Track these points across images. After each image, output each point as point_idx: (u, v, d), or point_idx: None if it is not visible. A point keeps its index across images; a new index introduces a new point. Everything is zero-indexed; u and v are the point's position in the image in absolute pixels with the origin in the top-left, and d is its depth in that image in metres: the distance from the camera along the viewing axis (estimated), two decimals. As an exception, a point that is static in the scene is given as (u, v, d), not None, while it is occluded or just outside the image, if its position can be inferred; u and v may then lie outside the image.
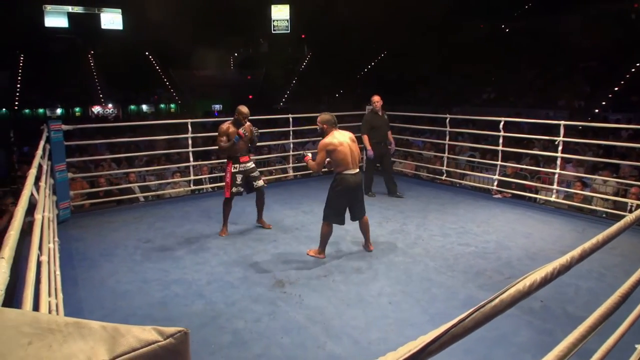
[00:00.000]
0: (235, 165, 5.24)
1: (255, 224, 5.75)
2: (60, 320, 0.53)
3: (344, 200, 4.54)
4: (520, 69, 24.22)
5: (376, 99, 7.19)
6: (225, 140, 5.12)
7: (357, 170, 4.55)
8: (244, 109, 5.20)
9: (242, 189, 5.29)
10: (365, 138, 7.16)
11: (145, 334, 0.51)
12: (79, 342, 0.50)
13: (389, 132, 7.35)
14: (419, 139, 10.62)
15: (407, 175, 9.03)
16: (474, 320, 0.76)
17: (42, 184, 3.77)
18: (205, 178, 7.95)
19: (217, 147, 5.33)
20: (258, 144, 5.91)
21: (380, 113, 7.22)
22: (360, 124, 7.30)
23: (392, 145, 7.45)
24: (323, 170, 4.92)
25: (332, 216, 4.58)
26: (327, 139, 4.44)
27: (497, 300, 0.80)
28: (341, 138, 4.47)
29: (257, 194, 5.52)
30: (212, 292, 3.92)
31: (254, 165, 5.42)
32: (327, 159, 4.50)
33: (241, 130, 5.08)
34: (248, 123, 5.25)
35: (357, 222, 4.85)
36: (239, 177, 5.24)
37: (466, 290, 3.97)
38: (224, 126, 5.16)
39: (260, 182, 5.43)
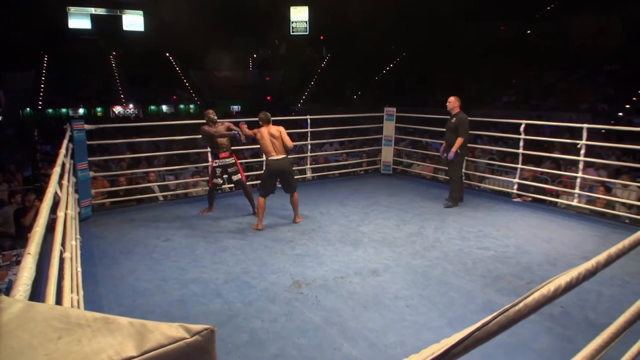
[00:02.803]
0: (216, 161, 6.11)
1: (272, 225, 5.78)
2: (88, 315, 0.54)
3: (270, 178, 5.70)
4: (542, 71, 23.85)
5: (449, 99, 6.72)
6: (207, 138, 6.07)
7: (282, 156, 5.60)
8: (209, 110, 6.26)
9: (221, 181, 6.21)
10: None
11: (172, 330, 0.52)
12: (107, 337, 0.51)
13: (458, 138, 6.52)
14: (438, 142, 10.52)
15: (425, 177, 8.97)
16: (498, 324, 0.75)
17: (64, 182, 3.83)
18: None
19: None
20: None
21: (451, 115, 6.70)
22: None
23: (450, 152, 6.63)
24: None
25: (261, 190, 5.74)
26: (257, 129, 5.69)
27: (521, 305, 0.79)
28: (266, 131, 5.60)
29: (238, 187, 6.31)
30: (230, 292, 3.95)
31: (233, 161, 6.17)
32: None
33: (241, 128, 5.95)
34: (227, 123, 6.17)
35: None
36: (218, 170, 6.12)
37: (485, 294, 3.92)
38: (204, 128, 6.06)
39: (237, 177, 6.19)
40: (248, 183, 8.07)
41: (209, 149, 6.91)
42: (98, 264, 4.57)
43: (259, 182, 6.08)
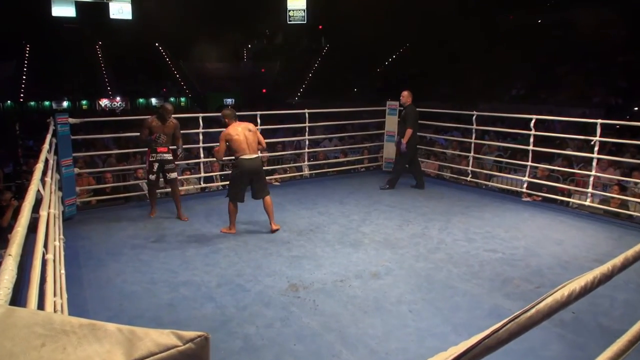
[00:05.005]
0: (153, 155, 5.93)
1: (267, 225, 5.77)
2: (74, 321, 0.54)
3: (242, 180, 5.42)
4: (553, 63, 23.84)
5: (402, 93, 7.76)
6: (147, 133, 5.89)
7: (255, 155, 5.41)
8: (168, 106, 6.10)
9: (155, 177, 6.02)
10: None
11: (164, 338, 0.51)
12: (94, 344, 0.51)
13: (407, 130, 7.46)
14: (442, 137, 10.54)
15: (430, 175, 8.96)
16: (509, 331, 0.75)
17: (47, 179, 3.82)
18: (216, 175, 8.00)
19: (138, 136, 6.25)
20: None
21: (403, 107, 7.78)
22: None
23: (402, 145, 7.56)
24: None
25: (232, 194, 5.48)
26: (226, 130, 5.38)
27: (533, 311, 0.79)
28: (238, 129, 5.36)
29: (170, 187, 6.17)
30: (222, 295, 3.94)
31: (171, 157, 6.04)
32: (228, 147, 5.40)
33: (156, 134, 5.88)
34: (175, 121, 6.05)
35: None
36: (155, 165, 5.94)
37: (492, 299, 3.92)
38: (149, 119, 5.97)
39: (173, 175, 6.07)
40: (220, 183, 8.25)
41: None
42: (83, 266, 4.56)
43: (227, 184, 5.85)
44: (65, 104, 31.39)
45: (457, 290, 4.05)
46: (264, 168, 5.77)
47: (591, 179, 6.42)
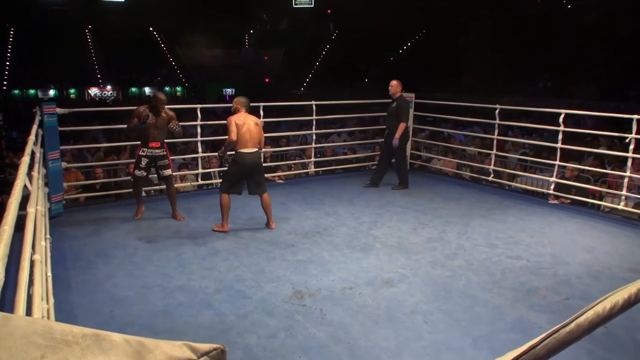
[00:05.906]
0: (143, 149, 5.87)
1: (269, 226, 5.78)
2: (76, 330, 0.54)
3: (238, 173, 5.59)
4: (584, 52, 23.69)
5: (391, 83, 7.71)
6: (135, 122, 5.77)
7: (255, 150, 5.57)
8: (161, 95, 6.02)
9: (145, 173, 5.96)
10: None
11: (177, 350, 0.51)
12: (99, 356, 0.50)
13: (401, 124, 7.44)
14: (461, 133, 10.51)
15: (447, 174, 8.94)
16: (547, 347, 0.74)
17: (34, 173, 3.84)
18: (214, 172, 8.02)
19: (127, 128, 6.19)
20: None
21: (392, 100, 7.70)
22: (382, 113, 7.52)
23: (394, 139, 7.48)
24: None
25: (227, 187, 5.61)
26: (234, 116, 5.51)
27: (573, 325, 0.78)
28: (245, 119, 5.53)
29: (165, 184, 6.18)
30: (221, 302, 3.95)
31: (164, 153, 5.98)
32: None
33: (144, 114, 5.73)
34: (171, 113, 5.96)
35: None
36: (144, 161, 5.88)
37: (515, 310, 3.91)
38: (140, 108, 5.86)
39: (167, 172, 6.01)
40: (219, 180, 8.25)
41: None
42: (71, 268, 4.58)
43: (222, 178, 5.94)
44: (52, 92, 31.57)
45: (477, 300, 4.04)
46: (265, 164, 5.83)
47: (625, 180, 6.37)
